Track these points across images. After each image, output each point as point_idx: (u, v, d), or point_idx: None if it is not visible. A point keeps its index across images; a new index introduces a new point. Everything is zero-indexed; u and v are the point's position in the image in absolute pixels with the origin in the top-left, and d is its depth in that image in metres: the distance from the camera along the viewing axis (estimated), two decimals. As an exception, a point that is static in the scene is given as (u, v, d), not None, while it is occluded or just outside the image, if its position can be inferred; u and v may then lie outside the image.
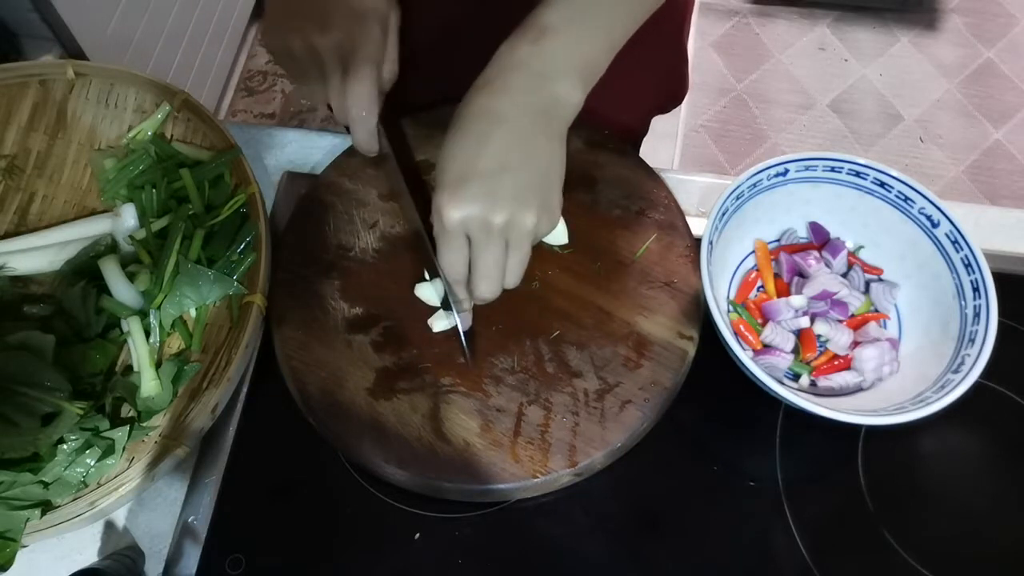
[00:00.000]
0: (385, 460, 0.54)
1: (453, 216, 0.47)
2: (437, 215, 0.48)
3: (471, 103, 0.49)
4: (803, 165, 0.60)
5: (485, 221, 0.47)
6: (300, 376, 0.58)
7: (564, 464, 0.54)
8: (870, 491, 0.57)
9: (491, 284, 0.50)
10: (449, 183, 0.47)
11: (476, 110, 0.48)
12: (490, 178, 0.47)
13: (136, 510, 0.58)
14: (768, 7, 2.08)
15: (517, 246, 0.49)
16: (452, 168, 0.48)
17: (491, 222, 0.47)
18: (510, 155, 0.47)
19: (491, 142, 0.47)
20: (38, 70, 0.68)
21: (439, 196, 0.48)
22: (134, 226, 0.62)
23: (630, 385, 0.56)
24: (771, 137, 1.90)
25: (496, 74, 0.49)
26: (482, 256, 0.49)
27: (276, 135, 0.74)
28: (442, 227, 0.48)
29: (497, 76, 0.49)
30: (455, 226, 0.48)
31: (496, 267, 0.50)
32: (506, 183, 0.47)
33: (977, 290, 0.55)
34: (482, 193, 0.47)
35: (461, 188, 0.47)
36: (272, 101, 1.98)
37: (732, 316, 0.61)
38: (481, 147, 0.47)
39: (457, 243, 0.49)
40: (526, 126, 0.48)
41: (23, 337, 0.55)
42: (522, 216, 0.48)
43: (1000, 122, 1.90)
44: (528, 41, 0.49)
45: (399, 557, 0.55)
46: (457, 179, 0.47)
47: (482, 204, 0.47)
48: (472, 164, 0.47)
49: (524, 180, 0.48)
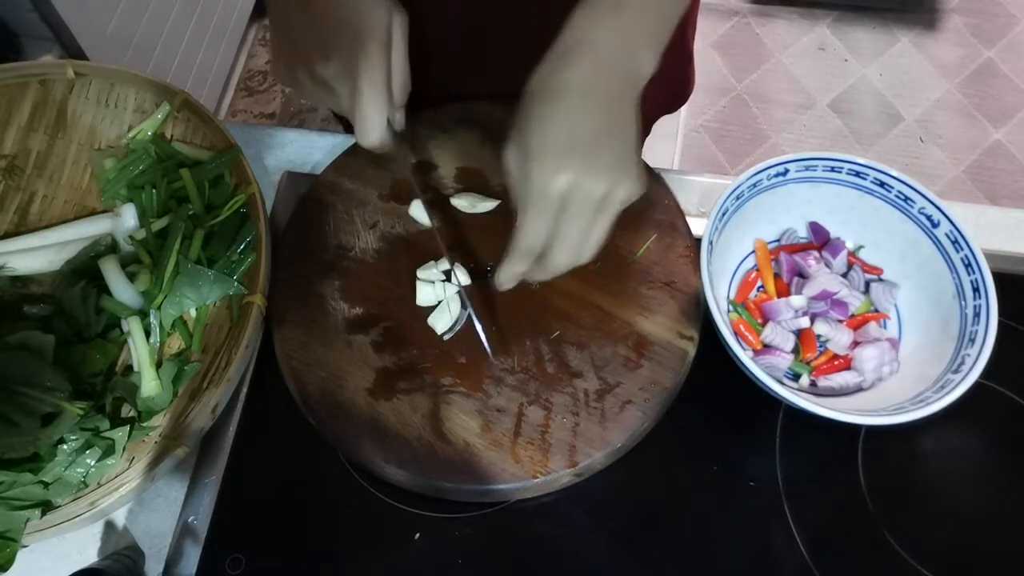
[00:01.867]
0: (385, 460, 0.54)
1: (558, 185, 0.46)
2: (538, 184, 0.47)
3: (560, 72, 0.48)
4: (803, 165, 0.60)
5: (588, 191, 0.47)
6: (300, 376, 0.58)
7: (564, 464, 0.54)
8: (870, 491, 0.57)
9: (573, 254, 0.50)
10: (551, 153, 0.47)
11: (567, 79, 0.48)
12: (592, 146, 0.47)
13: (136, 510, 0.58)
14: (768, 7, 2.08)
15: (607, 214, 0.49)
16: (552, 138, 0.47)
17: (593, 192, 0.47)
18: (603, 125, 0.48)
19: (587, 111, 0.47)
20: (38, 70, 0.68)
21: (540, 165, 0.47)
22: (134, 226, 0.62)
23: (630, 385, 0.56)
24: (771, 137, 1.90)
25: (580, 42, 0.49)
26: (572, 226, 0.48)
27: (276, 135, 0.74)
28: (542, 196, 0.47)
29: (583, 44, 0.48)
30: (557, 195, 0.47)
31: (582, 237, 0.49)
32: (605, 153, 0.47)
33: (977, 290, 0.55)
34: (586, 163, 0.47)
35: (566, 158, 0.47)
36: (272, 101, 1.98)
37: (732, 316, 0.61)
38: (579, 116, 0.47)
39: (551, 212, 0.48)
40: (613, 96, 0.49)
41: (23, 337, 0.55)
42: (619, 185, 0.48)
43: (1000, 122, 1.90)
44: (609, 7, 0.49)
45: (399, 557, 0.55)
46: (560, 149, 0.47)
47: (587, 174, 0.47)
48: (573, 134, 0.47)
49: (619, 149, 0.48)
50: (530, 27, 0.55)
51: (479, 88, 0.70)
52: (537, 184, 0.47)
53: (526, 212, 0.48)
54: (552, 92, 0.48)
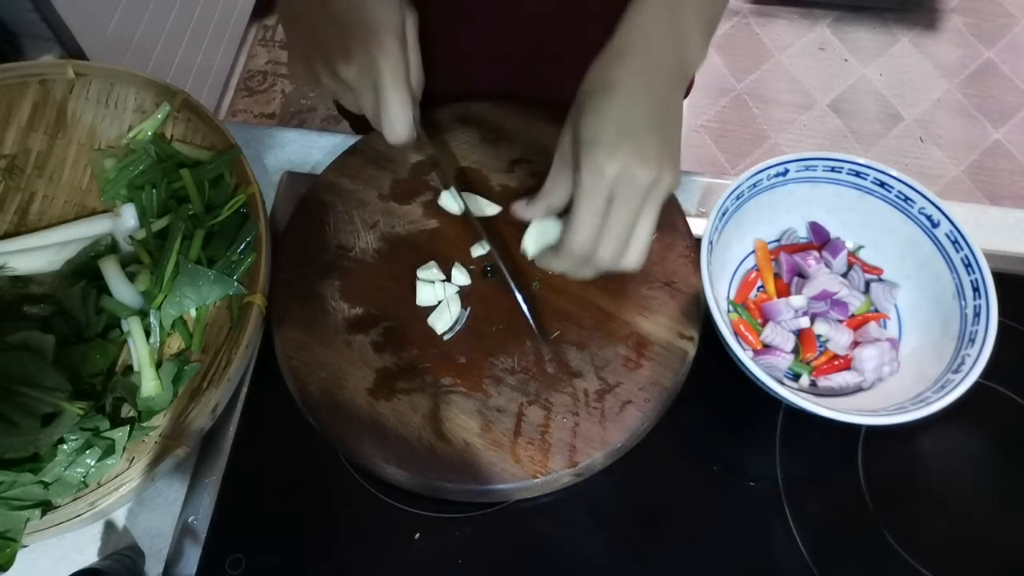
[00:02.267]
0: (385, 460, 0.54)
1: (609, 170, 0.48)
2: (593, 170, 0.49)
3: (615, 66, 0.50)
4: (803, 165, 0.60)
5: (636, 178, 0.49)
6: (300, 376, 0.58)
7: (564, 464, 0.54)
8: (870, 491, 0.57)
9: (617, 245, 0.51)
10: (604, 140, 0.48)
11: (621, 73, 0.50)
12: (642, 135, 0.49)
13: (136, 510, 0.58)
14: (768, 7, 2.08)
15: (652, 208, 0.51)
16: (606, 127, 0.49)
17: (640, 179, 0.49)
18: (652, 117, 0.49)
19: (639, 103, 0.49)
20: (38, 70, 0.68)
21: (593, 152, 0.49)
22: (134, 226, 0.62)
23: (630, 385, 0.56)
24: (771, 137, 1.90)
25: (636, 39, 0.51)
26: (620, 215, 0.50)
27: (276, 135, 0.74)
28: (597, 182, 0.49)
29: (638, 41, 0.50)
30: (608, 180, 0.49)
31: (628, 227, 0.51)
32: (652, 142, 0.49)
33: (977, 290, 0.55)
34: (636, 149, 0.48)
35: (617, 144, 0.48)
36: (272, 101, 1.98)
37: (732, 316, 0.61)
38: (632, 107, 0.49)
39: (604, 199, 0.50)
40: (665, 87, 0.51)
41: (23, 337, 0.55)
42: (664, 174, 0.49)
43: (1000, 122, 1.90)
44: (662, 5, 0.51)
45: (399, 557, 0.55)
46: (613, 137, 0.48)
47: (636, 161, 0.48)
48: (625, 122, 0.49)
49: (665, 139, 0.50)
50: (532, 28, 0.55)
51: (479, 88, 0.70)
52: (590, 172, 0.49)
53: (580, 201, 0.50)
54: (607, 85, 0.50)
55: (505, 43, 0.72)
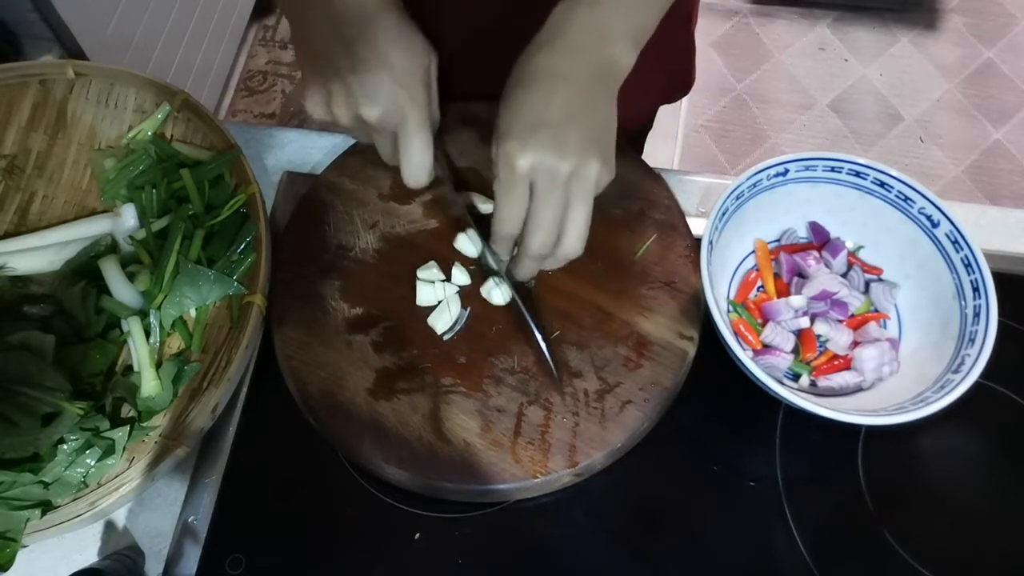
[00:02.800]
0: (385, 460, 0.54)
1: (522, 163, 0.48)
2: (505, 163, 0.49)
3: (534, 61, 0.50)
4: (803, 165, 0.60)
5: (553, 169, 0.48)
6: (300, 376, 0.58)
7: (564, 464, 0.54)
8: (870, 491, 0.57)
9: (546, 236, 0.51)
10: (517, 132, 0.48)
11: (541, 67, 0.50)
12: (558, 128, 0.48)
13: (136, 510, 0.58)
14: (768, 7, 2.08)
15: (581, 198, 0.50)
16: (520, 119, 0.49)
17: (558, 170, 0.48)
18: (575, 109, 0.49)
19: (557, 96, 0.49)
20: (38, 70, 0.68)
21: (506, 144, 0.49)
22: (134, 226, 0.62)
23: (630, 385, 0.56)
24: (771, 137, 1.90)
25: (556, 35, 0.51)
26: (543, 206, 0.50)
27: (276, 135, 0.74)
28: (509, 174, 0.49)
29: (558, 36, 0.50)
30: (523, 173, 0.49)
31: (555, 221, 0.51)
32: (572, 134, 0.49)
33: (977, 290, 0.55)
34: (551, 141, 0.48)
35: (531, 136, 0.48)
36: (272, 101, 1.98)
37: (732, 316, 0.61)
38: (548, 100, 0.49)
39: (520, 192, 0.50)
40: (588, 84, 0.50)
41: (23, 337, 0.55)
42: (587, 165, 0.49)
43: (1000, 122, 1.90)
44: (585, 5, 0.51)
45: (399, 557, 0.55)
46: (526, 128, 0.48)
47: (551, 152, 0.48)
48: (540, 115, 0.49)
49: (588, 132, 0.50)
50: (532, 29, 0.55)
51: (479, 88, 0.70)
52: (508, 160, 0.49)
53: (498, 194, 0.50)
54: (524, 80, 0.50)
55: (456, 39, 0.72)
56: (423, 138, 0.53)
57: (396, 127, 0.53)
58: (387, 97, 0.51)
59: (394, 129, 0.53)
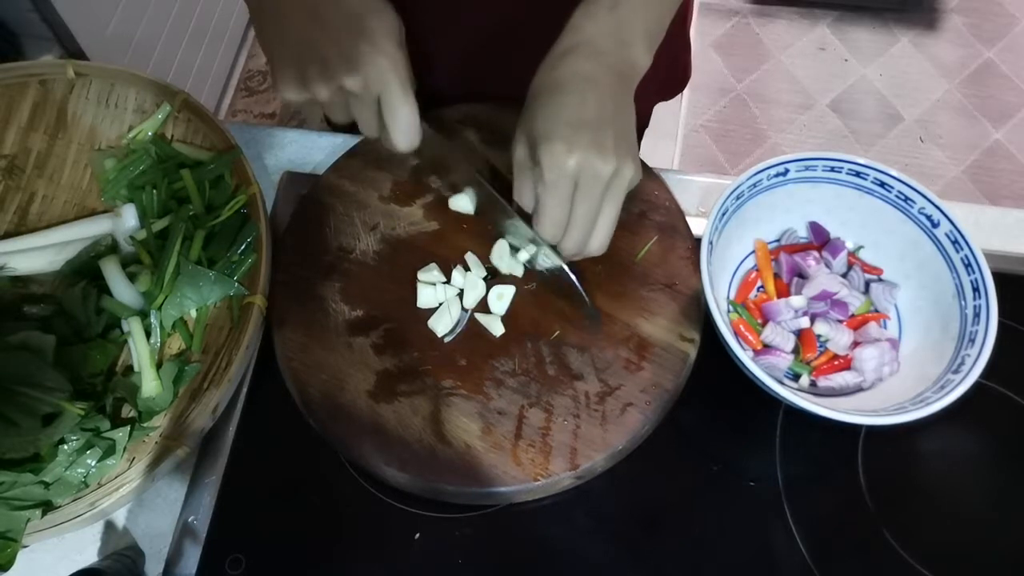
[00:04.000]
0: (386, 463, 0.54)
1: (571, 164, 0.50)
2: (552, 163, 0.50)
3: (562, 65, 0.52)
4: (803, 165, 0.60)
5: (597, 169, 0.50)
6: (301, 378, 0.58)
7: (565, 467, 0.54)
8: (870, 491, 0.57)
9: (582, 235, 0.53)
10: (562, 134, 0.50)
11: (570, 72, 0.51)
12: (597, 130, 0.50)
13: (136, 510, 0.58)
14: (768, 7, 2.08)
15: (615, 198, 0.52)
16: (561, 121, 0.50)
17: (602, 171, 0.50)
18: (607, 111, 0.51)
19: (590, 99, 0.51)
20: (38, 70, 0.68)
21: (553, 146, 0.50)
22: (135, 226, 0.62)
23: (631, 387, 0.56)
24: (771, 137, 1.90)
25: (581, 39, 0.52)
26: (583, 206, 0.52)
27: (276, 135, 0.74)
28: (557, 175, 0.50)
29: (582, 41, 0.52)
30: (571, 173, 0.50)
31: (592, 220, 0.53)
32: (609, 134, 0.50)
33: (977, 290, 0.55)
34: (593, 142, 0.50)
35: (575, 138, 0.50)
36: (272, 101, 1.98)
37: (732, 316, 0.61)
38: (583, 103, 0.50)
39: (567, 191, 0.51)
40: (613, 87, 0.52)
41: (23, 337, 0.55)
42: (625, 166, 0.51)
43: (1000, 122, 1.90)
44: (605, 9, 0.52)
45: (399, 557, 0.55)
46: (569, 130, 0.50)
47: (595, 153, 0.50)
48: (579, 117, 0.50)
49: (621, 133, 0.52)
50: (533, 31, 0.56)
51: (479, 89, 0.70)
52: (551, 166, 0.50)
53: (544, 195, 0.51)
54: (556, 84, 0.51)
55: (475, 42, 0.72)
56: (408, 99, 0.52)
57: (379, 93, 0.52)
58: (367, 63, 0.50)
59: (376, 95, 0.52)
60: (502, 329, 0.59)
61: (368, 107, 0.53)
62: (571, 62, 0.52)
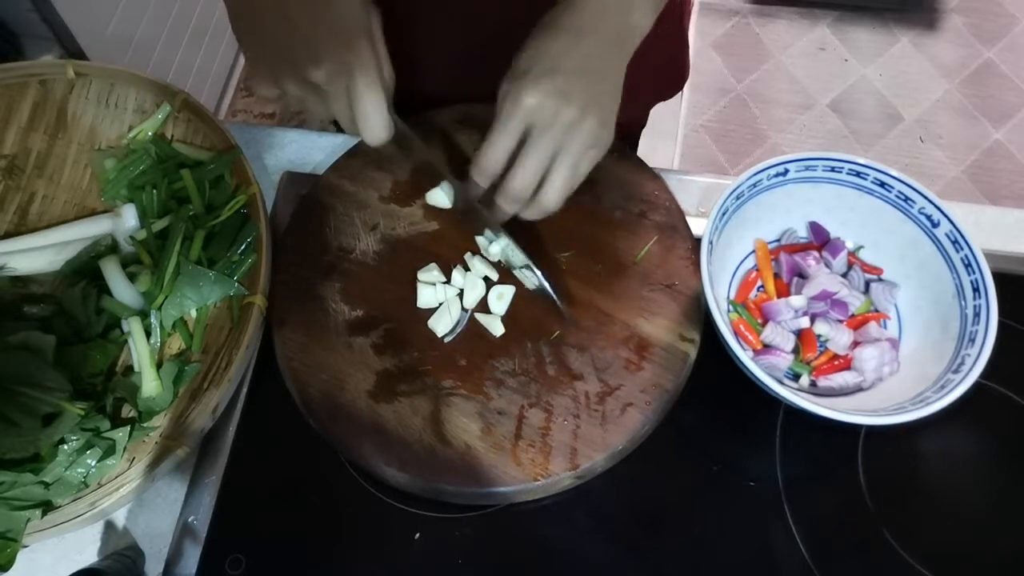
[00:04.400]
0: (386, 463, 0.54)
1: (528, 101, 0.49)
2: (511, 98, 0.49)
3: (562, 16, 0.51)
4: (803, 165, 0.60)
5: (554, 114, 0.49)
6: (301, 378, 0.58)
7: (565, 467, 0.54)
8: (870, 491, 0.57)
9: (528, 180, 0.52)
10: (532, 74, 0.49)
11: (567, 22, 0.51)
12: (570, 78, 0.49)
13: (136, 510, 0.58)
14: (768, 7, 2.08)
15: (570, 151, 0.51)
16: (537, 62, 0.50)
17: (559, 117, 0.49)
18: (591, 65, 0.50)
19: (576, 50, 0.50)
20: (38, 70, 0.68)
21: (518, 82, 0.49)
22: (135, 226, 0.62)
23: (631, 387, 0.56)
24: (771, 137, 1.90)
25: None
26: (533, 149, 0.50)
27: (276, 135, 0.74)
28: (511, 109, 0.50)
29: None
30: (525, 111, 0.49)
31: (540, 167, 0.51)
32: (582, 86, 0.50)
33: (977, 290, 0.55)
34: (560, 88, 0.49)
35: (543, 79, 0.49)
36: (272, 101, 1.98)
37: (732, 316, 0.61)
38: (568, 52, 0.50)
39: (515, 128, 0.50)
40: (607, 44, 0.52)
41: (23, 337, 0.55)
42: (585, 120, 0.50)
43: (1000, 122, 1.90)
44: None
45: (399, 557, 0.55)
46: (541, 72, 0.49)
47: (558, 97, 0.49)
48: (556, 63, 0.50)
49: (596, 89, 0.51)
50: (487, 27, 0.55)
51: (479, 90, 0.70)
52: (515, 97, 0.49)
53: (493, 128, 0.50)
54: (550, 29, 0.51)
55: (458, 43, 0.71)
56: (374, 92, 0.51)
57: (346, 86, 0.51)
58: (330, 56, 0.49)
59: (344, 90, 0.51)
60: (502, 329, 0.59)
61: (340, 100, 0.52)
62: (572, 14, 0.51)
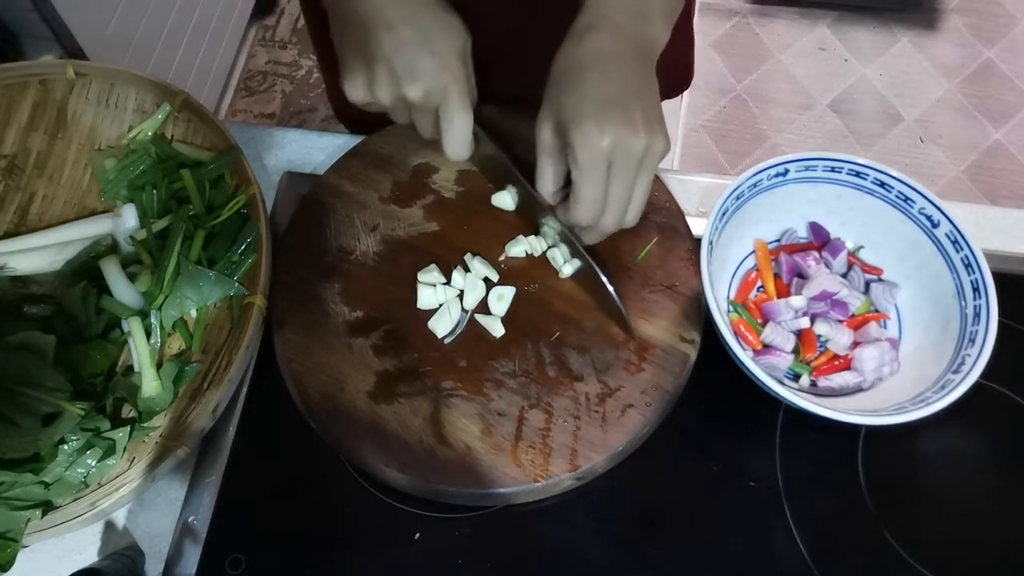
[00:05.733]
0: (386, 464, 0.54)
1: (604, 144, 0.49)
2: (585, 144, 0.50)
3: (583, 44, 0.52)
4: (803, 165, 0.60)
5: (630, 147, 0.50)
6: (301, 379, 0.58)
7: (565, 468, 0.54)
8: (870, 491, 0.57)
9: (619, 213, 0.53)
10: (590, 114, 0.49)
11: (592, 50, 0.51)
12: (624, 106, 0.50)
13: (136, 510, 0.58)
14: (768, 7, 2.08)
15: (647, 173, 0.52)
16: (587, 100, 0.50)
17: (632, 146, 0.50)
18: (631, 87, 0.51)
19: (613, 76, 0.50)
20: (38, 70, 0.68)
21: (584, 126, 0.49)
22: (135, 226, 0.62)
23: (631, 389, 0.56)
24: (771, 137, 1.90)
25: (600, 17, 0.52)
26: (619, 183, 0.52)
27: (276, 135, 0.74)
28: (591, 156, 0.50)
29: (602, 19, 0.52)
30: (603, 153, 0.50)
31: (628, 194, 0.53)
32: (637, 109, 0.50)
33: (977, 290, 0.55)
34: (623, 119, 0.49)
35: (604, 116, 0.49)
36: (272, 101, 1.98)
37: (732, 316, 0.61)
38: (607, 80, 0.50)
39: (603, 172, 0.51)
40: (634, 63, 0.52)
41: (24, 337, 0.55)
42: (656, 140, 0.51)
43: (1000, 122, 1.90)
44: None
45: (399, 557, 0.55)
46: (597, 109, 0.49)
47: (625, 129, 0.49)
48: (605, 95, 0.50)
49: (647, 106, 0.51)
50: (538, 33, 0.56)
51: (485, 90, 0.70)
52: (584, 147, 0.50)
53: (580, 178, 0.51)
54: (578, 63, 0.51)
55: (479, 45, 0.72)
56: (465, 114, 0.54)
57: (438, 105, 0.54)
58: (430, 76, 0.53)
59: (436, 107, 0.55)
60: (502, 330, 0.59)
61: (427, 115, 0.55)
62: (591, 39, 0.51)
